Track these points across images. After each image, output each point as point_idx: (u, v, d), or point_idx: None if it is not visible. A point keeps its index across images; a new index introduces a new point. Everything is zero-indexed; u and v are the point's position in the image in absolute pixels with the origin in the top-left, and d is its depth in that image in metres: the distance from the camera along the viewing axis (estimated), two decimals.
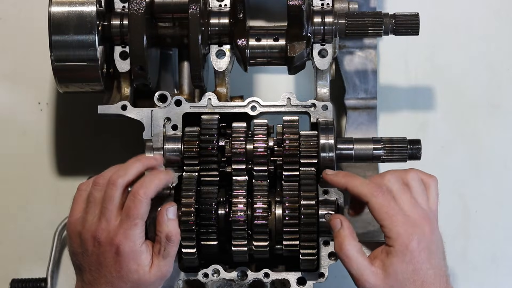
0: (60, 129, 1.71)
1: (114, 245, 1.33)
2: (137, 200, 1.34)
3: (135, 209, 1.34)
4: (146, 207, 1.34)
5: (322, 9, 1.49)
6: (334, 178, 1.40)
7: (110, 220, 1.34)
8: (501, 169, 1.71)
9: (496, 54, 1.72)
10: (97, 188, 1.37)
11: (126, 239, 1.33)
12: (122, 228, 1.34)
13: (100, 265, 1.34)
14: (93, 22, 1.43)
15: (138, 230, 1.34)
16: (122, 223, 1.34)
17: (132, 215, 1.34)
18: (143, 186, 1.35)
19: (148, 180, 1.36)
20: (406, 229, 1.33)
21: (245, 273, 1.45)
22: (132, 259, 1.34)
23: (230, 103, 1.48)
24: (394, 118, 1.71)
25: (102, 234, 1.34)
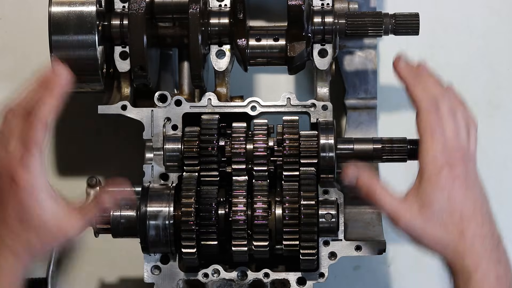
0: (60, 129, 1.71)
1: (9, 175, 1.25)
2: (31, 126, 1.26)
3: (30, 136, 1.26)
4: (41, 132, 1.26)
5: (322, 9, 1.49)
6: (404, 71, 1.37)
7: (8, 148, 1.27)
8: (501, 169, 1.71)
9: (496, 54, 1.72)
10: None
11: (23, 168, 1.25)
12: (17, 156, 1.26)
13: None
14: (93, 22, 1.43)
15: (34, 158, 1.26)
16: (17, 150, 1.26)
17: (27, 142, 1.26)
18: (39, 110, 1.27)
19: (41, 102, 1.28)
20: (442, 156, 1.29)
21: (245, 273, 1.45)
22: (30, 193, 1.26)
23: (230, 103, 1.49)
24: (394, 118, 1.71)
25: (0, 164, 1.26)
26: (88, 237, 1.56)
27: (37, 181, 1.27)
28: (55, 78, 1.31)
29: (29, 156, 1.26)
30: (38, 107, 1.28)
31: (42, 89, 1.30)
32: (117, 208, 1.42)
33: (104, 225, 1.45)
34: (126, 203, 1.38)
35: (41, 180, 1.28)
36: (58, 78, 1.31)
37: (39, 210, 1.27)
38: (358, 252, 1.45)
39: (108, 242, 1.53)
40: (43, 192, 1.28)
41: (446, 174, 1.29)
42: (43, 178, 1.28)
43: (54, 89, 1.30)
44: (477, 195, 1.32)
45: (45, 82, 1.31)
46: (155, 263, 1.46)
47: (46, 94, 1.29)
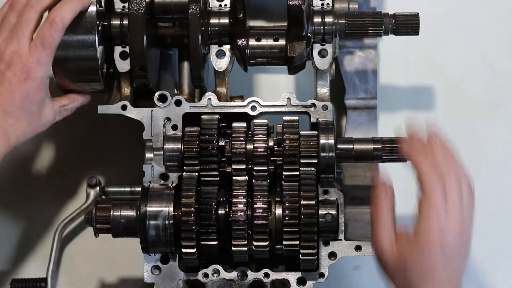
0: (59, 129, 1.71)
1: (25, 71, 1.31)
2: (53, 29, 1.32)
3: (50, 37, 1.32)
4: (61, 36, 1.33)
5: (322, 9, 1.49)
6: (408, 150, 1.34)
7: (23, 45, 1.32)
8: (501, 169, 1.71)
9: (496, 54, 1.72)
10: (12, 11, 1.34)
11: (41, 66, 1.32)
12: (35, 55, 1.32)
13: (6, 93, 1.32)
14: (93, 22, 1.43)
15: (49, 58, 1.33)
16: (35, 49, 1.32)
17: (47, 43, 1.32)
18: (60, 13, 1.33)
19: (65, 7, 1.34)
20: (437, 228, 1.29)
21: (245, 273, 1.45)
22: (39, 89, 1.34)
23: (230, 103, 1.49)
24: (394, 118, 1.71)
25: (12, 58, 1.31)
26: (88, 237, 1.56)
27: (46, 80, 1.34)
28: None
29: (46, 55, 1.33)
30: (63, 13, 1.33)
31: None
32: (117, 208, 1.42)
33: (104, 225, 1.45)
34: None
35: (47, 80, 1.36)
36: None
37: (40, 106, 1.34)
38: (358, 252, 1.45)
39: (108, 242, 1.53)
40: (46, 89, 1.36)
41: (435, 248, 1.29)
42: (48, 78, 1.35)
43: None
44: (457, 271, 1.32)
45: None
46: (155, 263, 1.46)
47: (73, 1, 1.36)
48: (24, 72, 1.31)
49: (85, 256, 1.68)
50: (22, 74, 1.31)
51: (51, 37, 1.32)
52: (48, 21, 1.32)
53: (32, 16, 1.32)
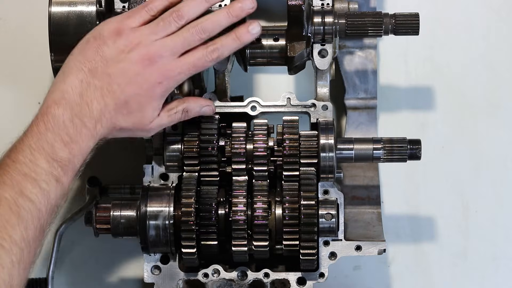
0: None
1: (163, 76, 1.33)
2: (209, 59, 1.35)
3: (203, 63, 1.35)
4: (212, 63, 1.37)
5: (322, 9, 1.49)
6: None
7: (173, 55, 1.33)
8: (501, 169, 1.71)
9: (496, 54, 1.72)
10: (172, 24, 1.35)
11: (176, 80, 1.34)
12: (179, 68, 1.33)
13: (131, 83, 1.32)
14: (93, 22, 1.43)
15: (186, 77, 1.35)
16: (182, 64, 1.34)
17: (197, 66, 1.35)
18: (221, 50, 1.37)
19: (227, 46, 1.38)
20: None
21: (245, 273, 1.45)
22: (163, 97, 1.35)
23: (230, 103, 1.48)
24: (394, 118, 1.71)
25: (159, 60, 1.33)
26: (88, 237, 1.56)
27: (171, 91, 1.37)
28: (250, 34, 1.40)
29: (187, 74, 1.35)
30: (223, 47, 1.36)
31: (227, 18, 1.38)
32: None
33: (104, 225, 1.46)
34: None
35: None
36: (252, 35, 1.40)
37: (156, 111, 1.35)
38: (358, 252, 1.45)
39: (108, 242, 1.53)
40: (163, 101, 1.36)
41: None
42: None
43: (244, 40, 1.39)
44: None
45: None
46: (155, 263, 1.46)
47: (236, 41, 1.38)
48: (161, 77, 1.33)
49: (85, 256, 1.68)
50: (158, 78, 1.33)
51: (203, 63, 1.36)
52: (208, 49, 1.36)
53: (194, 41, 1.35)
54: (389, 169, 1.66)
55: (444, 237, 1.70)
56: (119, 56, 1.33)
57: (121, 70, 1.32)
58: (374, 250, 1.45)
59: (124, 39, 1.34)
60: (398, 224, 1.70)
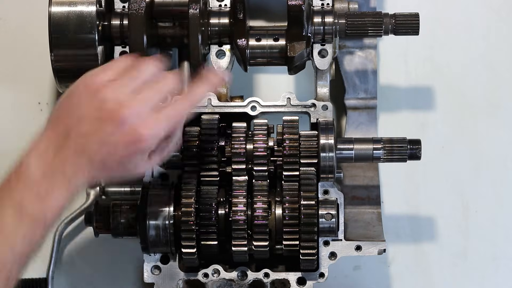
0: None
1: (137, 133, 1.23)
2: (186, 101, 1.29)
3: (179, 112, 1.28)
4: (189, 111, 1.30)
5: (322, 9, 1.49)
6: None
7: (145, 109, 1.24)
8: (501, 169, 1.71)
9: (496, 54, 1.72)
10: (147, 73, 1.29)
11: (154, 133, 1.24)
12: (154, 121, 1.24)
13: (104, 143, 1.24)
14: (93, 22, 1.43)
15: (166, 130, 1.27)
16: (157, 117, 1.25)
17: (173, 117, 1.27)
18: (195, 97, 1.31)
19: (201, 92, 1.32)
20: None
21: (245, 273, 1.45)
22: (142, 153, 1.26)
23: (230, 103, 1.49)
24: (394, 118, 1.71)
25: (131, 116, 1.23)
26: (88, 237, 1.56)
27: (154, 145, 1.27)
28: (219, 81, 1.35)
29: (166, 126, 1.26)
30: (198, 96, 1.31)
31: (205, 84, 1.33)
32: None
33: (104, 225, 1.45)
34: None
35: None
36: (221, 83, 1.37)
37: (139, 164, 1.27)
38: (358, 252, 1.45)
39: (108, 242, 1.53)
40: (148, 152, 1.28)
41: None
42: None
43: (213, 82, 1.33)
44: None
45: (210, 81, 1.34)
46: (155, 263, 1.46)
47: (207, 88, 1.33)
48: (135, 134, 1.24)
49: (85, 256, 1.68)
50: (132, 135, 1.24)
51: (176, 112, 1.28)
52: (183, 99, 1.29)
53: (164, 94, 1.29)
54: (389, 169, 1.66)
55: (444, 237, 1.70)
56: (92, 114, 1.24)
57: (94, 129, 1.24)
58: (374, 250, 1.45)
59: (95, 95, 1.25)
60: (398, 224, 1.69)
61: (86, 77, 1.27)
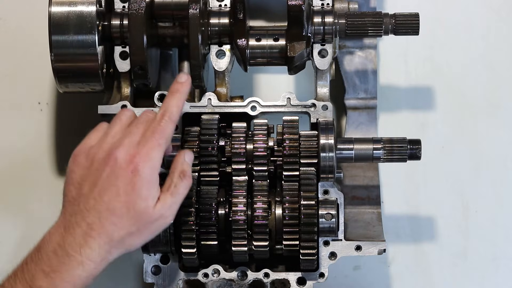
0: (60, 129, 1.71)
1: (133, 164, 1.28)
2: (163, 122, 1.32)
3: (161, 128, 1.31)
4: (171, 129, 1.33)
5: (322, 9, 1.49)
6: None
7: (131, 142, 1.30)
8: (501, 169, 1.71)
9: (496, 54, 1.72)
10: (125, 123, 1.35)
11: (148, 159, 1.29)
12: (145, 148, 1.29)
13: (105, 189, 1.28)
14: (93, 22, 1.43)
15: (160, 152, 1.31)
16: (145, 142, 1.30)
17: (157, 134, 1.30)
18: (168, 109, 1.33)
19: (172, 103, 1.34)
20: None
21: (245, 273, 1.45)
22: (147, 184, 1.29)
23: (230, 103, 1.49)
24: (394, 118, 1.71)
25: (121, 152, 1.29)
26: None
27: (155, 175, 1.30)
28: (182, 85, 1.37)
29: (158, 150, 1.30)
30: (171, 108, 1.33)
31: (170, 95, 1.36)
32: None
33: None
34: None
35: (157, 174, 1.31)
36: (184, 84, 1.37)
37: (151, 200, 1.30)
38: (358, 252, 1.45)
39: None
40: (156, 185, 1.30)
41: None
42: (158, 172, 1.31)
43: (182, 94, 1.36)
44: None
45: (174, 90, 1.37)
46: (155, 263, 1.46)
47: (176, 96, 1.35)
48: (130, 164, 1.28)
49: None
50: (128, 166, 1.29)
51: (161, 129, 1.31)
52: (158, 118, 1.33)
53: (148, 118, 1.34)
54: (389, 169, 1.66)
55: (444, 237, 1.70)
56: (86, 173, 1.31)
57: (91, 183, 1.29)
58: (374, 250, 1.45)
59: (84, 157, 1.32)
60: (398, 224, 1.70)
61: (73, 152, 1.34)
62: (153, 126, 1.32)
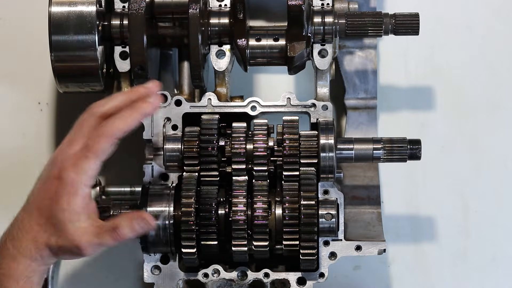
0: (60, 129, 1.71)
1: (59, 169, 1.28)
2: (99, 134, 1.28)
3: (94, 142, 1.28)
4: (106, 145, 1.28)
5: (322, 9, 1.49)
6: None
7: (72, 146, 1.29)
8: (501, 169, 1.71)
9: (496, 54, 1.72)
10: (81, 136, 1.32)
11: (74, 167, 1.28)
12: (74, 156, 1.28)
13: (40, 189, 1.30)
14: (93, 22, 1.43)
15: (88, 165, 1.28)
16: (77, 151, 1.29)
17: (89, 148, 1.28)
18: (111, 123, 1.29)
19: (118, 118, 1.29)
20: None
21: (245, 273, 1.45)
22: (68, 193, 1.28)
23: (230, 103, 1.49)
24: (394, 118, 1.71)
25: (57, 157, 1.30)
26: None
27: (81, 187, 1.29)
28: (146, 102, 1.32)
29: (84, 160, 1.28)
30: (114, 120, 1.29)
31: (128, 103, 1.31)
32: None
33: None
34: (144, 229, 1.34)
35: (85, 188, 1.29)
36: (148, 103, 1.32)
37: (69, 215, 1.29)
38: (358, 252, 1.45)
39: None
40: (81, 200, 1.29)
41: None
42: (87, 188, 1.30)
43: (139, 111, 1.31)
44: None
45: (134, 99, 1.32)
46: (155, 263, 1.46)
47: (129, 112, 1.30)
48: (58, 171, 1.29)
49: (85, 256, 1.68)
50: (56, 173, 1.29)
51: (94, 143, 1.28)
52: (97, 128, 1.29)
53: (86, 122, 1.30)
54: (389, 169, 1.66)
55: (444, 237, 1.70)
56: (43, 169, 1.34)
57: (38, 181, 1.32)
58: (374, 250, 1.45)
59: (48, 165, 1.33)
60: (398, 224, 1.70)
61: None
62: (90, 136, 1.29)
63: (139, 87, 1.34)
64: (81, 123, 1.31)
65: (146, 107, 1.31)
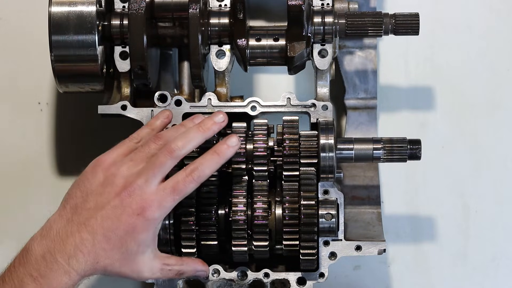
0: (60, 129, 1.71)
1: (142, 207, 1.29)
2: (188, 180, 1.32)
3: (184, 186, 1.31)
4: (193, 188, 1.33)
5: (322, 9, 1.49)
6: None
7: (150, 184, 1.30)
8: (501, 169, 1.71)
9: (496, 54, 1.72)
10: (151, 146, 1.34)
11: (159, 209, 1.30)
12: (159, 196, 1.30)
13: (109, 217, 1.30)
14: (93, 22, 1.43)
15: (172, 205, 1.31)
16: (163, 192, 1.30)
17: (178, 190, 1.31)
18: (201, 170, 1.33)
19: (207, 163, 1.34)
20: None
21: (245, 273, 1.45)
22: (147, 230, 1.30)
23: (230, 103, 1.48)
24: (394, 118, 1.71)
25: (135, 190, 1.29)
26: None
27: (158, 225, 1.33)
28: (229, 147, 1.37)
29: (171, 202, 1.31)
30: (203, 169, 1.33)
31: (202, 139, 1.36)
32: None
33: None
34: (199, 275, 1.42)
35: (159, 226, 1.33)
36: (231, 148, 1.37)
37: (142, 248, 1.32)
38: (358, 252, 1.45)
39: None
40: (154, 234, 1.33)
41: None
42: (159, 226, 1.33)
43: (224, 157, 1.36)
44: None
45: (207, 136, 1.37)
46: None
47: (216, 159, 1.34)
48: (140, 208, 1.29)
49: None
50: (137, 209, 1.29)
51: (184, 186, 1.31)
52: (187, 172, 1.32)
53: (168, 163, 1.31)
54: (389, 169, 1.66)
55: (444, 237, 1.70)
56: (98, 190, 1.32)
57: (98, 203, 1.31)
58: (374, 250, 1.45)
59: (103, 172, 1.33)
60: (398, 224, 1.70)
61: (97, 158, 1.35)
62: (178, 178, 1.32)
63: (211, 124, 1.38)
64: (161, 161, 1.32)
65: (230, 152, 1.36)
